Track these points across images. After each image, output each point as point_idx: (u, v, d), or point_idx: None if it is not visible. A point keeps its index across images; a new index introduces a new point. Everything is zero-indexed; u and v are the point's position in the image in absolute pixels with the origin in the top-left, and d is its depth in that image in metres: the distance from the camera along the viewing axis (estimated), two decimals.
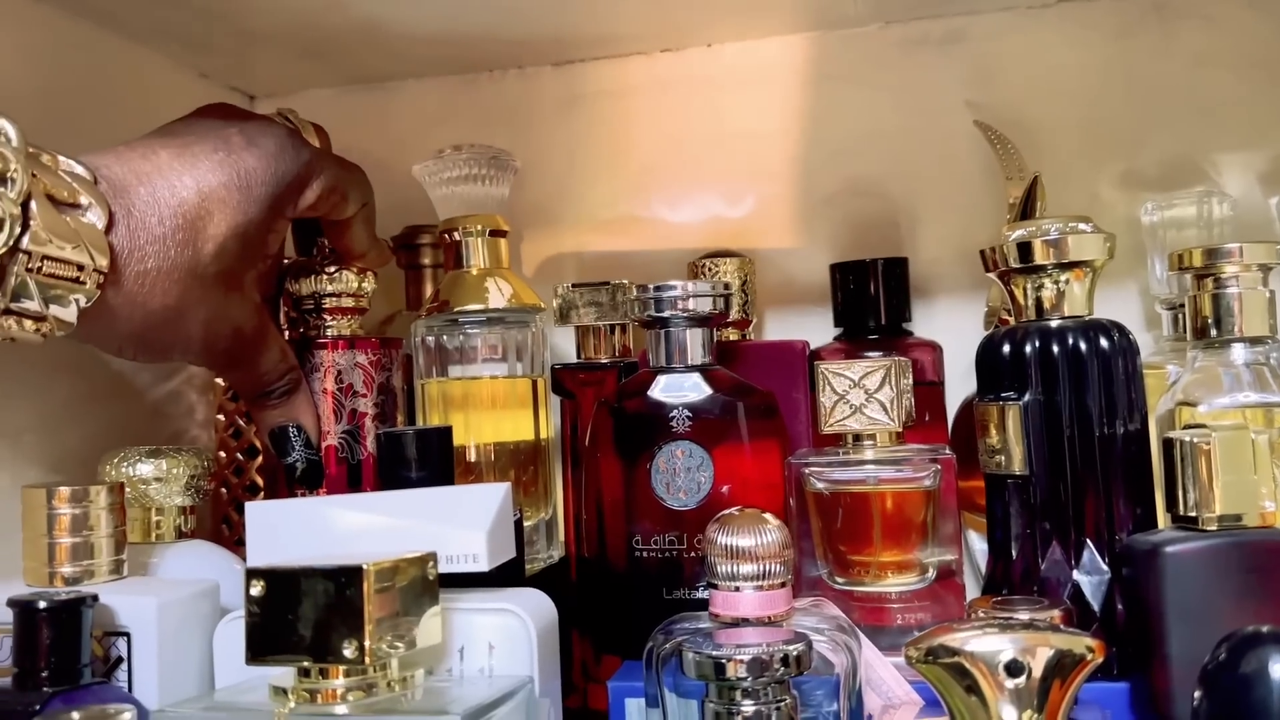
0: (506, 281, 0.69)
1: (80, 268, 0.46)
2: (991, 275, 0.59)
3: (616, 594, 0.61)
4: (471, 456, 0.68)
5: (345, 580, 0.42)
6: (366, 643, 0.41)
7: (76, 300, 0.47)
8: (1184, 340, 0.61)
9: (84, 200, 0.47)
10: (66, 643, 0.46)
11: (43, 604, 0.46)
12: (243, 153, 0.55)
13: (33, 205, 0.45)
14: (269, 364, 0.60)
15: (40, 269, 0.45)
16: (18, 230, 0.44)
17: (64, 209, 0.46)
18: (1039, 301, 0.57)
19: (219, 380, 0.76)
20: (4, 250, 0.44)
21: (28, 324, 0.46)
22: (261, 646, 0.43)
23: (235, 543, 0.72)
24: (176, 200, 0.51)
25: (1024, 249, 0.57)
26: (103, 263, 0.47)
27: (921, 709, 0.51)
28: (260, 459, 0.74)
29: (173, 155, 0.52)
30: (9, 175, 0.44)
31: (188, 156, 0.53)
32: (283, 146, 0.57)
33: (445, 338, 0.68)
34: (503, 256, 0.70)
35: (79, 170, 0.48)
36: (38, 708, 0.45)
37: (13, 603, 0.47)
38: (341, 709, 0.42)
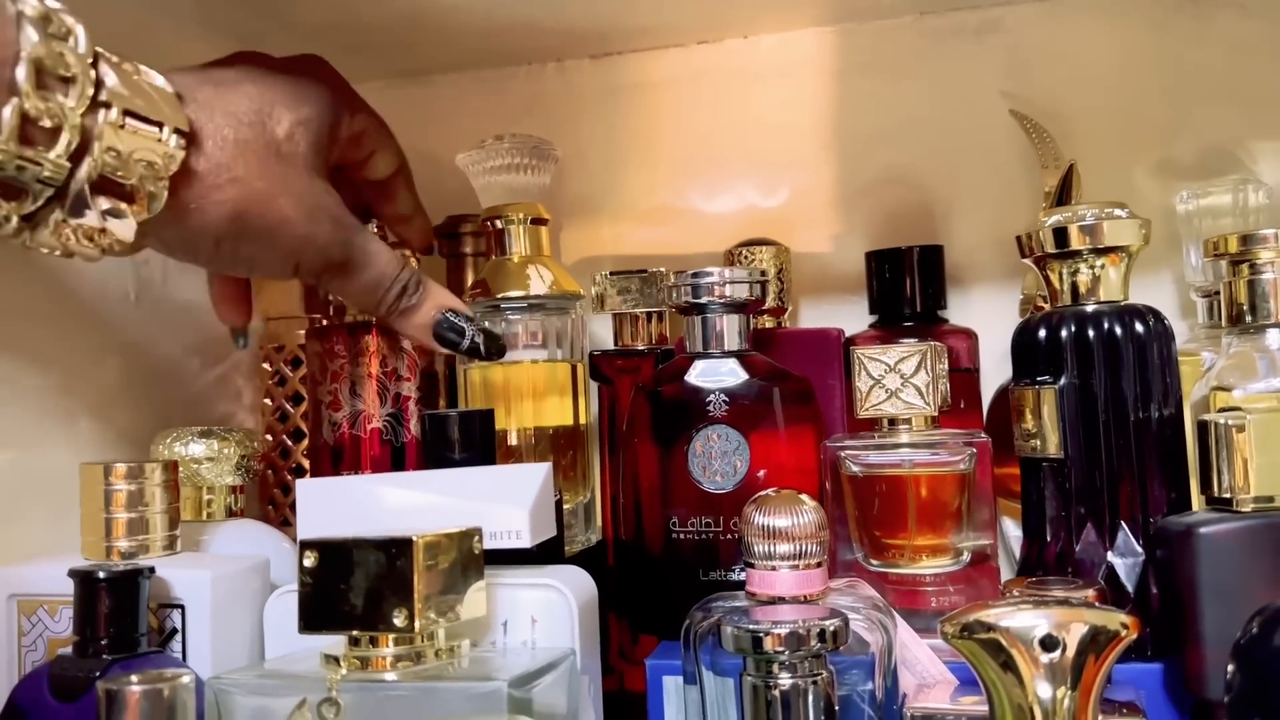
0: (547, 269, 0.70)
1: (151, 165, 0.45)
2: (1027, 261, 0.60)
3: (654, 575, 0.62)
4: (512, 440, 0.69)
5: (395, 552, 0.43)
6: (416, 611, 0.43)
7: (152, 198, 0.45)
8: (1219, 327, 0.61)
9: (157, 99, 0.46)
10: (125, 612, 0.48)
11: (103, 574, 0.48)
12: (287, 72, 0.55)
13: (99, 115, 0.43)
14: (386, 260, 0.57)
15: (107, 175, 0.44)
16: (76, 139, 0.42)
17: (135, 119, 0.45)
18: (1075, 286, 0.58)
19: (263, 365, 0.78)
20: (64, 159, 0.42)
21: (85, 239, 0.44)
22: (314, 616, 0.44)
23: (280, 523, 0.73)
24: (242, 93, 0.51)
25: (1060, 234, 0.57)
26: (179, 154, 0.46)
27: (956, 688, 0.51)
28: (306, 442, 0.75)
29: (224, 68, 0.53)
30: (74, 78, 0.43)
31: (238, 71, 0.53)
32: (317, 71, 0.57)
33: (486, 323, 0.69)
34: (543, 244, 0.71)
35: (152, 78, 0.47)
36: (98, 674, 0.46)
37: (74, 573, 0.48)
38: (391, 676, 0.43)
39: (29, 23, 0.41)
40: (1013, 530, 0.70)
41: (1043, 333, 0.57)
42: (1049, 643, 0.40)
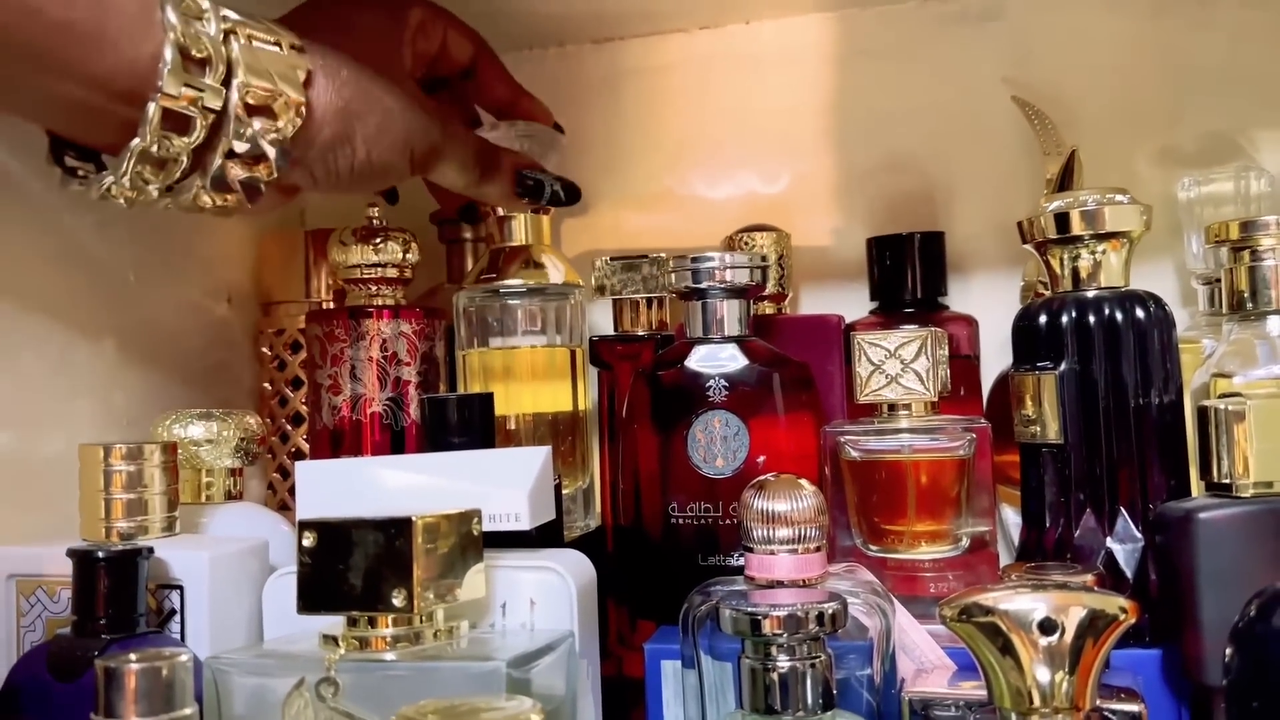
0: (547, 255, 0.70)
1: (278, 125, 0.49)
2: (1028, 246, 0.60)
3: (653, 560, 0.62)
4: (512, 426, 0.69)
5: (395, 532, 0.43)
6: (415, 591, 0.43)
7: (283, 136, 0.49)
8: (1220, 315, 0.61)
9: (281, 63, 0.50)
10: (123, 592, 0.48)
11: (101, 553, 0.48)
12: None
13: (233, 94, 0.47)
14: (465, 134, 0.62)
15: (234, 155, 0.48)
16: (209, 122, 0.47)
17: (261, 87, 0.48)
18: (1075, 272, 0.58)
19: (262, 337, 0.78)
20: (201, 140, 0.47)
21: (230, 197, 0.49)
22: (312, 596, 0.44)
23: (279, 507, 0.73)
24: (342, 27, 0.56)
25: (1061, 219, 0.57)
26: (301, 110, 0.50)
27: (954, 673, 0.51)
28: (305, 426, 0.75)
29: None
30: (212, 60, 0.47)
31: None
32: None
33: (486, 309, 0.69)
34: (544, 231, 0.71)
35: (277, 38, 0.50)
36: (96, 653, 0.46)
37: (72, 552, 0.48)
38: (390, 656, 0.43)
39: (170, 6, 0.45)
40: (1012, 517, 0.70)
41: (1043, 318, 0.57)
42: (1047, 626, 0.40)
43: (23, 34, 0.42)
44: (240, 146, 0.48)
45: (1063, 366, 0.56)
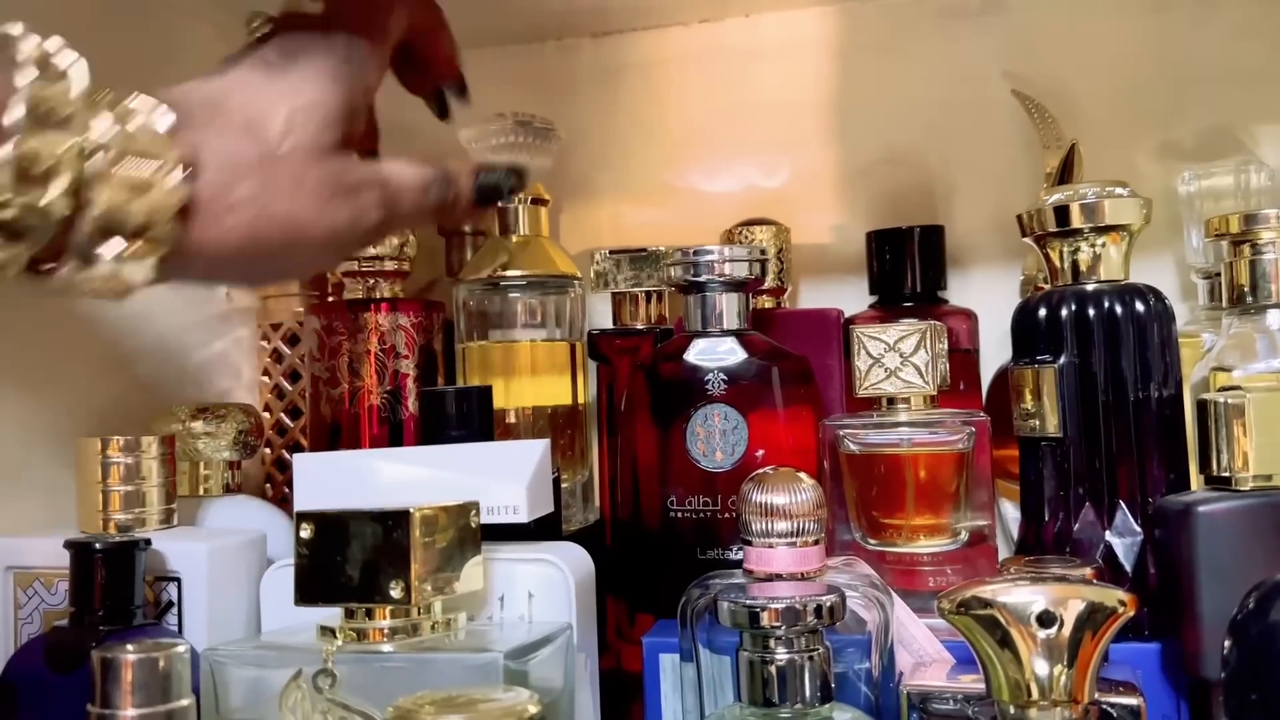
0: (547, 249, 0.70)
1: (154, 206, 0.43)
2: (1028, 240, 0.60)
3: (651, 554, 0.62)
4: (510, 419, 0.69)
5: (392, 523, 0.43)
6: (412, 583, 0.42)
7: (161, 239, 0.43)
8: (1219, 309, 0.61)
9: (155, 135, 0.43)
10: (120, 584, 0.48)
11: (98, 545, 0.48)
12: (301, 40, 0.50)
13: (98, 157, 0.41)
14: (410, 178, 0.52)
15: (111, 219, 0.42)
16: (73, 182, 0.40)
17: (134, 159, 0.42)
18: (1075, 265, 0.57)
19: (264, 342, 0.78)
20: (67, 201, 0.41)
21: (101, 285, 0.43)
22: (310, 588, 0.44)
23: (278, 500, 0.73)
24: (236, 101, 0.47)
25: (1061, 213, 0.57)
26: (182, 190, 0.43)
27: (953, 666, 0.51)
28: (304, 419, 0.75)
29: (223, 72, 0.49)
30: (70, 119, 0.41)
31: (236, 72, 0.49)
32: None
33: (486, 302, 0.69)
34: (543, 225, 0.71)
35: (150, 111, 0.44)
36: (93, 645, 0.46)
37: (69, 544, 0.48)
38: (387, 647, 0.43)
39: (28, 64, 0.40)
40: (1011, 511, 0.69)
41: (1043, 311, 0.57)
42: (1046, 619, 0.40)
43: None
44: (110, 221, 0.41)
45: (1062, 360, 0.56)
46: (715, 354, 0.62)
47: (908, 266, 0.73)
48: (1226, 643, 0.38)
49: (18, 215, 0.40)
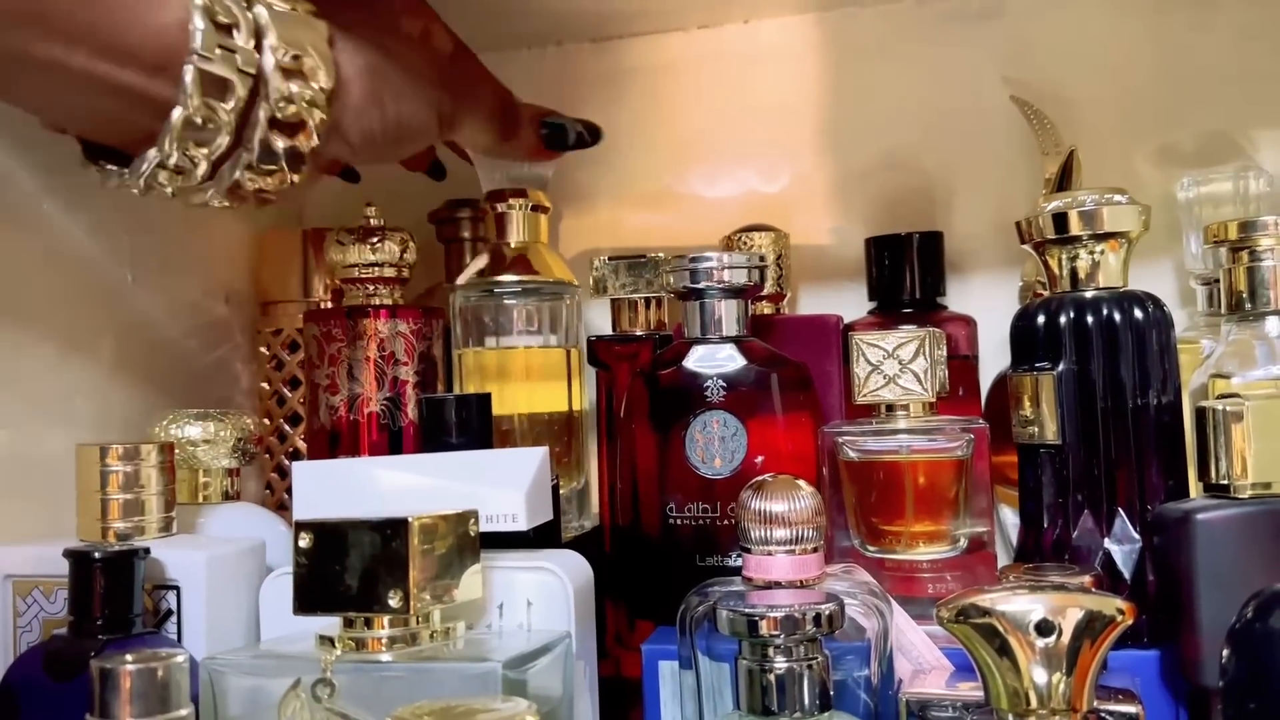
0: (544, 255, 0.70)
1: (313, 100, 0.48)
2: (1026, 247, 0.60)
3: (650, 561, 0.62)
4: (506, 426, 0.69)
5: (391, 532, 0.43)
6: (411, 592, 0.42)
7: (317, 127, 0.49)
8: (1218, 315, 0.61)
9: (311, 32, 0.49)
10: (120, 593, 0.48)
11: (98, 554, 0.47)
12: None
13: (266, 56, 0.47)
14: (490, 91, 0.63)
15: (279, 115, 0.47)
16: (249, 87, 0.46)
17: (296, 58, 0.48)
18: (1074, 272, 0.57)
19: (264, 347, 0.78)
20: (243, 105, 0.46)
21: (269, 180, 0.49)
22: (309, 597, 0.44)
23: (277, 507, 0.73)
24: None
25: (1059, 220, 0.57)
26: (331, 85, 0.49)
27: (952, 674, 0.51)
28: (303, 426, 0.75)
29: None
30: (239, 24, 0.46)
31: None
32: None
33: (482, 308, 0.69)
34: (542, 231, 0.71)
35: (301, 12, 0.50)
36: (92, 654, 0.46)
37: (69, 553, 0.48)
38: (386, 657, 0.43)
39: None
40: (1010, 517, 0.70)
41: (1041, 318, 0.57)
42: (1044, 627, 0.40)
43: (48, 4, 0.42)
44: (282, 111, 0.47)
45: (1061, 367, 0.56)
46: (714, 360, 0.62)
47: (907, 273, 0.73)
48: (1225, 651, 0.38)
49: (207, 115, 0.45)
